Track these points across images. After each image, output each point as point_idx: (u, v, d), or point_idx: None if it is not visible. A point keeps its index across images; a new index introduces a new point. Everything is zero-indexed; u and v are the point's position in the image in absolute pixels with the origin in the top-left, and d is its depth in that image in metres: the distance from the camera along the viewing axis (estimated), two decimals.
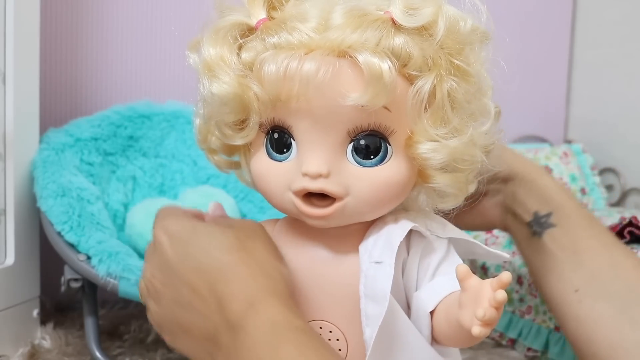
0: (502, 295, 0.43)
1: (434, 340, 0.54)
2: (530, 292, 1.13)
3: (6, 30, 0.93)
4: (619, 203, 1.75)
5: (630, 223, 1.02)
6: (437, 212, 0.57)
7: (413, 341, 0.53)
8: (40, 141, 1.03)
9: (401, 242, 0.52)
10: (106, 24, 1.29)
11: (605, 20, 1.82)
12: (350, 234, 0.55)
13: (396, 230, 0.53)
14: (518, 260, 1.18)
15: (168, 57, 1.34)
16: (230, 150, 0.58)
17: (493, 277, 0.46)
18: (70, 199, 0.95)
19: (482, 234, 1.31)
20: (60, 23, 1.25)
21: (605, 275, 0.63)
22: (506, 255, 0.58)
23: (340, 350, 0.56)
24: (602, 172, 1.78)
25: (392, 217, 0.55)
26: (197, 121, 0.58)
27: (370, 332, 0.51)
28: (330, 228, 0.54)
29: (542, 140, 1.85)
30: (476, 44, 0.53)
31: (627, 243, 1.02)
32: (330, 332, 0.56)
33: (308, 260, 0.56)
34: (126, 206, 1.10)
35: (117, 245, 0.92)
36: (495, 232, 1.29)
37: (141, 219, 1.00)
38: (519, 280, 1.16)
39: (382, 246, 0.53)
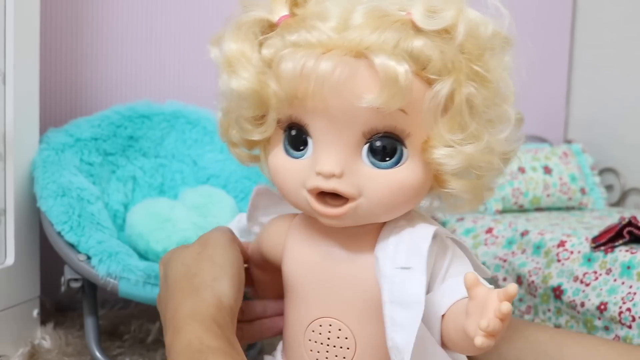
0: (507, 307, 0.42)
1: (443, 344, 0.53)
2: (529, 292, 1.13)
3: (6, 30, 0.93)
4: (618, 203, 1.75)
5: (630, 223, 1.02)
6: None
7: (431, 344, 0.52)
8: (40, 141, 1.03)
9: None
10: (106, 24, 1.29)
11: (605, 20, 1.82)
12: (364, 234, 0.55)
13: (419, 235, 0.53)
14: (517, 260, 1.18)
15: (168, 57, 1.34)
16: (251, 144, 0.58)
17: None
18: (70, 199, 0.94)
19: (482, 234, 1.31)
20: (60, 23, 1.25)
21: None
22: (488, 272, 0.59)
23: (348, 349, 0.55)
24: (602, 172, 1.78)
25: (405, 220, 0.55)
26: (219, 114, 0.59)
27: (401, 338, 0.50)
28: (345, 227, 0.54)
29: (542, 140, 1.85)
30: (497, 50, 0.52)
31: (627, 243, 1.02)
32: (340, 330, 0.55)
33: (321, 257, 0.56)
34: (126, 206, 1.10)
35: (117, 245, 0.92)
36: (495, 231, 1.29)
37: (141, 219, 1.00)
38: (518, 280, 1.16)
39: (406, 251, 0.52)
